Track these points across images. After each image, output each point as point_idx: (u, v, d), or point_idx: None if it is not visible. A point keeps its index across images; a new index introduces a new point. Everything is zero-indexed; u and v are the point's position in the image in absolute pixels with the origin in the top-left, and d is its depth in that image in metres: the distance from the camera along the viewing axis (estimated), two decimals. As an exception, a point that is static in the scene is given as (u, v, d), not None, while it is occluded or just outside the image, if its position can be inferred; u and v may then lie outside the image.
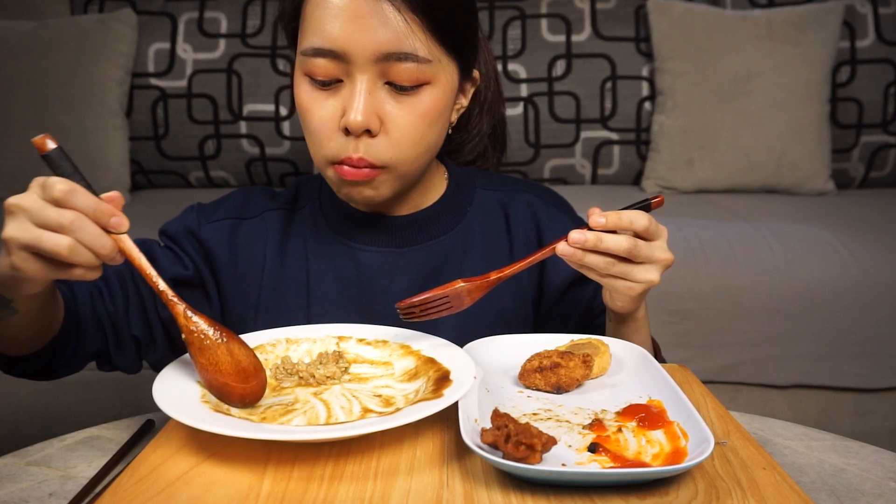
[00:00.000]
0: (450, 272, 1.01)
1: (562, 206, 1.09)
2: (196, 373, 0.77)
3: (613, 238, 0.82)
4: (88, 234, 0.69)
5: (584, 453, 0.67)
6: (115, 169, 2.27)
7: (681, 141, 2.27)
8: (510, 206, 1.06)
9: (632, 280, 0.85)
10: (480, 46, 1.03)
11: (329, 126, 0.89)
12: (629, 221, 0.82)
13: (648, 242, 0.84)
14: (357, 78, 0.87)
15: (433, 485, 0.64)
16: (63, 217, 0.69)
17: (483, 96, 1.08)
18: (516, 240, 1.05)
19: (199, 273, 1.01)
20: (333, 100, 0.89)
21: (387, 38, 0.85)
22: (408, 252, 1.02)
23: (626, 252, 0.82)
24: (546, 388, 0.80)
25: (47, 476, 0.74)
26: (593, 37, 2.37)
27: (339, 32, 0.85)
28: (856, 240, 1.83)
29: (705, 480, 0.64)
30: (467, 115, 1.07)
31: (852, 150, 2.39)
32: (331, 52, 0.86)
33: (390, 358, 0.85)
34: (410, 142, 0.90)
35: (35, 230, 0.69)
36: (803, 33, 2.24)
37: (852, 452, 0.79)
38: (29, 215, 0.70)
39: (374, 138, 0.88)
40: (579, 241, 0.82)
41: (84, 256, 0.69)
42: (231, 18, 2.40)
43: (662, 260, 0.85)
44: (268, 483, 0.64)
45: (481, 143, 1.11)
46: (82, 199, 0.70)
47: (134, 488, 0.63)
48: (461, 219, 1.04)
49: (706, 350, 1.77)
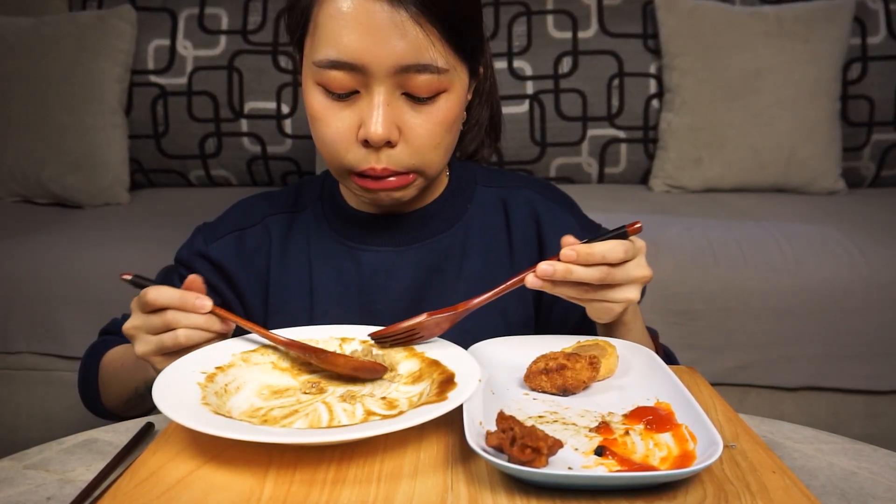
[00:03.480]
0: (450, 269, 1.03)
1: (563, 201, 1.09)
2: (197, 375, 0.78)
3: (583, 270, 0.81)
4: (191, 320, 0.84)
5: (590, 457, 0.67)
6: (115, 167, 2.28)
7: (689, 139, 2.27)
8: (510, 203, 1.07)
9: (610, 301, 0.85)
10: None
11: (346, 137, 0.90)
12: (601, 256, 0.81)
13: (623, 265, 0.83)
14: (375, 90, 0.87)
15: (437, 489, 0.64)
16: (165, 318, 0.84)
17: (482, 87, 1.08)
18: (516, 237, 1.05)
19: (219, 294, 1.04)
20: (350, 111, 0.89)
21: (405, 50, 0.84)
22: (408, 250, 1.03)
23: (599, 280, 0.82)
24: (552, 391, 0.80)
25: (45, 480, 0.74)
26: (600, 33, 2.37)
27: (357, 45, 0.84)
28: (867, 240, 1.82)
29: (714, 484, 0.64)
30: (469, 106, 1.07)
31: (863, 149, 2.39)
32: (348, 65, 0.85)
33: (394, 360, 0.85)
34: (430, 148, 0.91)
35: (154, 339, 0.85)
36: (813, 30, 2.24)
37: (863, 456, 0.78)
38: (143, 330, 0.85)
39: (393, 148, 0.89)
40: (547, 273, 0.81)
41: (199, 336, 0.85)
42: (232, 14, 2.40)
43: (640, 279, 0.85)
44: (269, 487, 0.64)
45: (480, 133, 1.11)
46: (167, 294, 0.84)
47: (133, 492, 0.63)
48: (461, 216, 1.05)
49: (714, 351, 1.77)
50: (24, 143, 2.26)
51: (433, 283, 1.02)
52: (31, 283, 1.82)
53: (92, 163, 2.24)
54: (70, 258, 1.85)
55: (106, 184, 2.26)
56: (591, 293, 0.84)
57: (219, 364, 0.82)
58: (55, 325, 1.81)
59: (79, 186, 2.25)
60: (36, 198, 2.32)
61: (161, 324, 0.83)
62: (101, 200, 2.27)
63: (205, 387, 0.76)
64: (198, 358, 0.82)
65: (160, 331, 0.84)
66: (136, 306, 0.86)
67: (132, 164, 2.40)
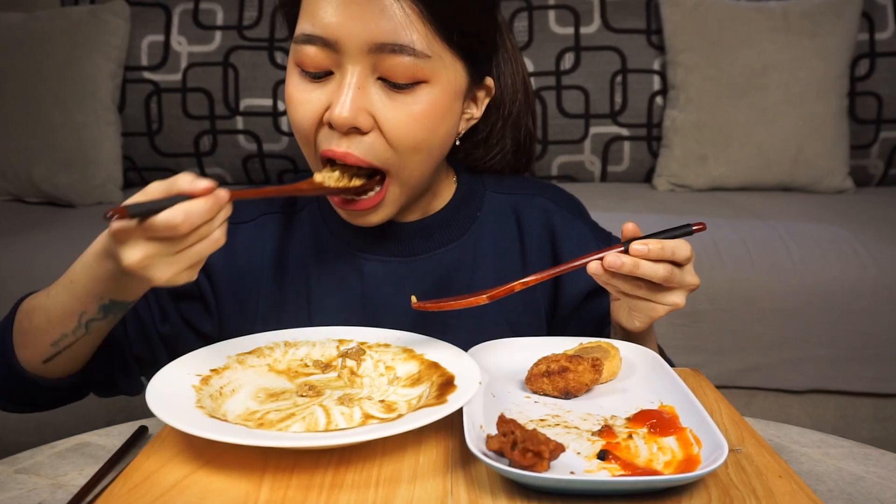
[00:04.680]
0: (460, 282, 1.00)
1: (577, 210, 1.07)
2: (191, 377, 0.78)
3: (651, 266, 0.81)
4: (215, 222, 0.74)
5: (593, 461, 0.67)
6: (108, 165, 2.28)
7: (694, 137, 2.27)
8: (523, 211, 1.04)
9: (657, 302, 0.84)
10: (506, 56, 1.01)
11: (314, 118, 0.87)
12: (671, 252, 0.81)
13: (682, 268, 0.83)
14: (347, 70, 0.84)
15: (437, 493, 0.64)
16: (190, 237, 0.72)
17: (508, 110, 1.03)
18: (530, 247, 1.03)
19: (196, 285, 0.99)
20: (321, 92, 0.86)
21: (381, 27, 0.82)
22: (414, 261, 1.00)
23: (662, 280, 0.81)
24: (554, 394, 0.80)
25: (37, 484, 0.74)
26: (603, 29, 2.37)
27: (331, 19, 0.82)
28: (875, 239, 1.83)
29: (719, 489, 0.64)
30: (489, 129, 1.03)
31: (871, 147, 2.39)
32: (321, 40, 0.83)
33: (393, 362, 0.85)
34: (408, 145, 0.87)
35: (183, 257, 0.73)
36: (820, 25, 2.24)
37: (871, 460, 0.78)
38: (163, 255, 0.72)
39: (365, 136, 0.86)
40: (615, 265, 0.80)
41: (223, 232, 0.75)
42: (227, 9, 2.40)
43: (691, 285, 0.85)
44: (265, 491, 0.64)
45: (503, 160, 1.07)
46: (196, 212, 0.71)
47: (126, 497, 0.63)
48: (471, 224, 1.02)
49: (720, 353, 1.77)
50: (15, 141, 2.26)
51: (442, 296, 0.98)
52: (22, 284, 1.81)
53: (84, 161, 2.24)
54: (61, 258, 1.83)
55: (98, 182, 2.26)
56: (646, 291, 0.83)
57: (213, 366, 0.82)
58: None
59: (70, 185, 2.25)
60: (27, 197, 2.32)
61: (187, 243, 0.72)
62: (93, 199, 2.27)
63: (199, 389, 0.76)
64: (192, 360, 0.82)
65: (185, 248, 0.72)
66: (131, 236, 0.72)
67: (125, 162, 2.40)
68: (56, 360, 0.88)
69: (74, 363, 0.90)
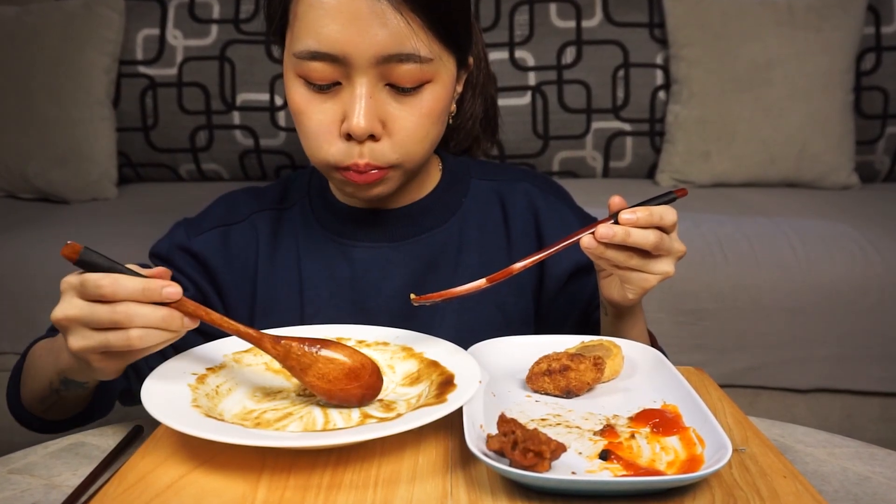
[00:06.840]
0: (445, 265, 1.03)
1: (560, 194, 1.11)
2: (187, 376, 0.78)
3: (641, 233, 0.82)
4: (149, 317, 0.71)
5: (595, 461, 0.67)
6: (102, 161, 2.27)
7: (697, 132, 2.27)
8: (507, 196, 1.07)
9: (648, 272, 0.85)
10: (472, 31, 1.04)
11: (328, 130, 0.90)
12: (659, 218, 0.83)
13: (670, 235, 0.85)
14: (357, 81, 0.87)
15: (436, 494, 0.64)
16: (116, 314, 0.70)
17: (475, 79, 1.08)
18: (514, 231, 1.06)
19: (199, 290, 1.02)
20: (332, 103, 0.89)
21: (387, 39, 0.84)
22: (401, 245, 1.03)
23: (653, 246, 0.83)
24: (555, 393, 0.80)
25: (30, 485, 0.74)
26: (605, 22, 2.37)
27: (338, 35, 0.84)
28: (881, 236, 1.82)
29: (722, 489, 0.64)
30: (460, 100, 1.07)
31: (877, 142, 2.39)
32: (328, 56, 0.85)
33: (391, 361, 0.85)
34: (415, 141, 0.91)
35: (98, 335, 0.72)
36: (826, 19, 2.23)
37: (878, 460, 0.78)
38: (83, 322, 0.72)
39: (377, 142, 0.89)
40: (607, 235, 0.81)
41: (156, 338, 0.72)
42: (224, 3, 2.40)
43: (679, 251, 0.86)
44: (262, 492, 0.64)
45: (475, 128, 1.12)
46: (129, 286, 0.71)
47: (121, 497, 0.63)
48: (456, 210, 1.06)
49: (724, 352, 1.77)
50: (8, 137, 2.26)
51: (429, 278, 1.02)
52: (15, 282, 1.82)
53: (78, 156, 2.24)
54: (55, 255, 1.83)
55: (93, 178, 2.26)
56: (637, 261, 0.84)
57: (210, 365, 0.82)
58: (40, 325, 1.79)
59: (64, 181, 2.25)
60: (20, 193, 2.32)
61: (109, 318, 0.70)
62: (87, 195, 2.26)
63: (195, 388, 0.76)
64: (188, 359, 0.82)
65: (106, 326, 0.71)
66: (71, 289, 0.73)
67: (120, 157, 2.39)
68: (51, 411, 0.94)
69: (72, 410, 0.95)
